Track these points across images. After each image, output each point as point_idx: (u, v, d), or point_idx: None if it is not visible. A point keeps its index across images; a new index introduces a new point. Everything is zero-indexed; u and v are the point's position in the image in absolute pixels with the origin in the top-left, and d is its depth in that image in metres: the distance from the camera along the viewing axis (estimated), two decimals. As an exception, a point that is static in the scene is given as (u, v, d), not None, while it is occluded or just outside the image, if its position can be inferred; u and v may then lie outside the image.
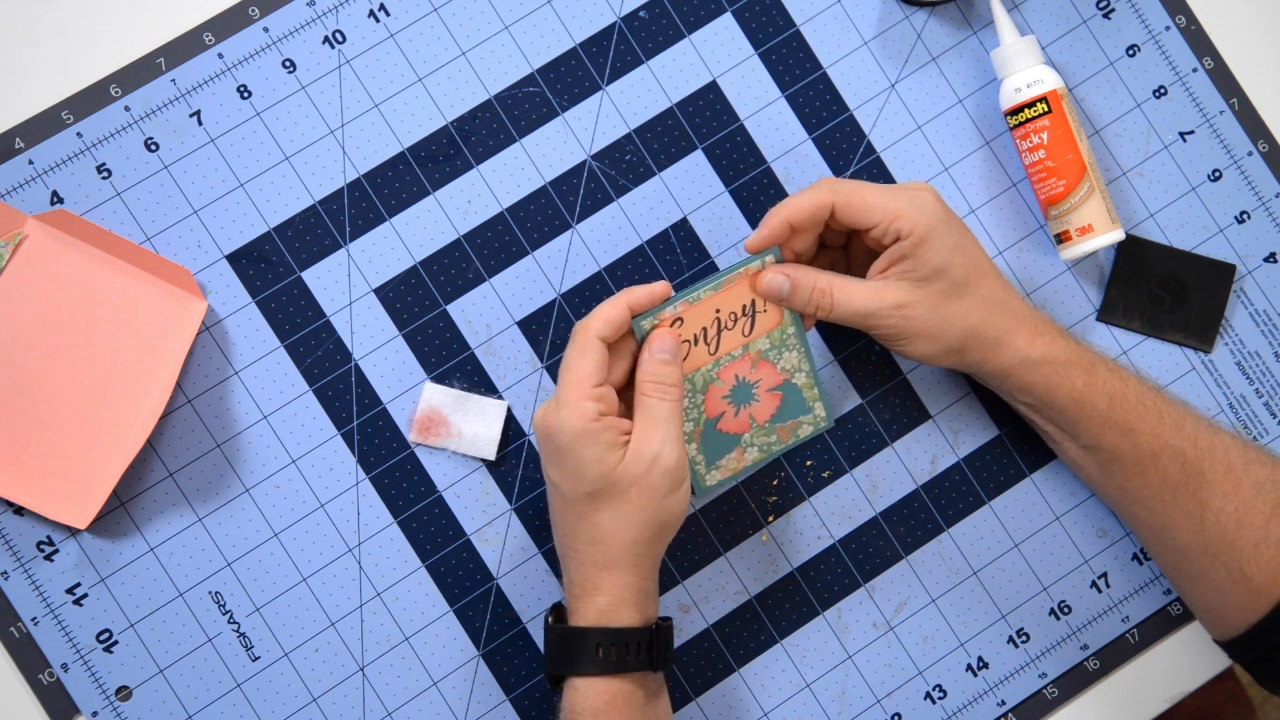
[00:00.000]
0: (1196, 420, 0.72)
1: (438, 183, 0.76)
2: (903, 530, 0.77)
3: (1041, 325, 0.72)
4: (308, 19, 0.76)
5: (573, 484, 0.67)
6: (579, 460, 0.67)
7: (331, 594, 0.74)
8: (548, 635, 0.69)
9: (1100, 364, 0.72)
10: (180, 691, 0.73)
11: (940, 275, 0.70)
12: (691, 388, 0.71)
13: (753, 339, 0.72)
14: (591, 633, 0.67)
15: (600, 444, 0.67)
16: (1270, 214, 0.80)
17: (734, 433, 0.73)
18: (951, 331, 0.71)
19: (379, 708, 0.74)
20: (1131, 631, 0.78)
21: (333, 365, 0.75)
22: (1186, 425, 0.71)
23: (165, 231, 0.75)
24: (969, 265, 0.71)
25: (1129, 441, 0.72)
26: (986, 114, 0.79)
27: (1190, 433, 0.71)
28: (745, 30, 0.78)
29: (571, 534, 0.68)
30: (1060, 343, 0.72)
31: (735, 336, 0.72)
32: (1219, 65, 0.80)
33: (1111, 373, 0.72)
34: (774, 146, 0.78)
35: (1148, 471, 0.72)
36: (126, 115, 0.75)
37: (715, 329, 0.71)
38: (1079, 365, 0.71)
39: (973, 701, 0.77)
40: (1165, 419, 0.71)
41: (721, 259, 0.78)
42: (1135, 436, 0.71)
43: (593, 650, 0.67)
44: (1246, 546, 0.70)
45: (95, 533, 0.73)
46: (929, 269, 0.70)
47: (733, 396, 0.72)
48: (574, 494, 0.67)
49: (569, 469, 0.67)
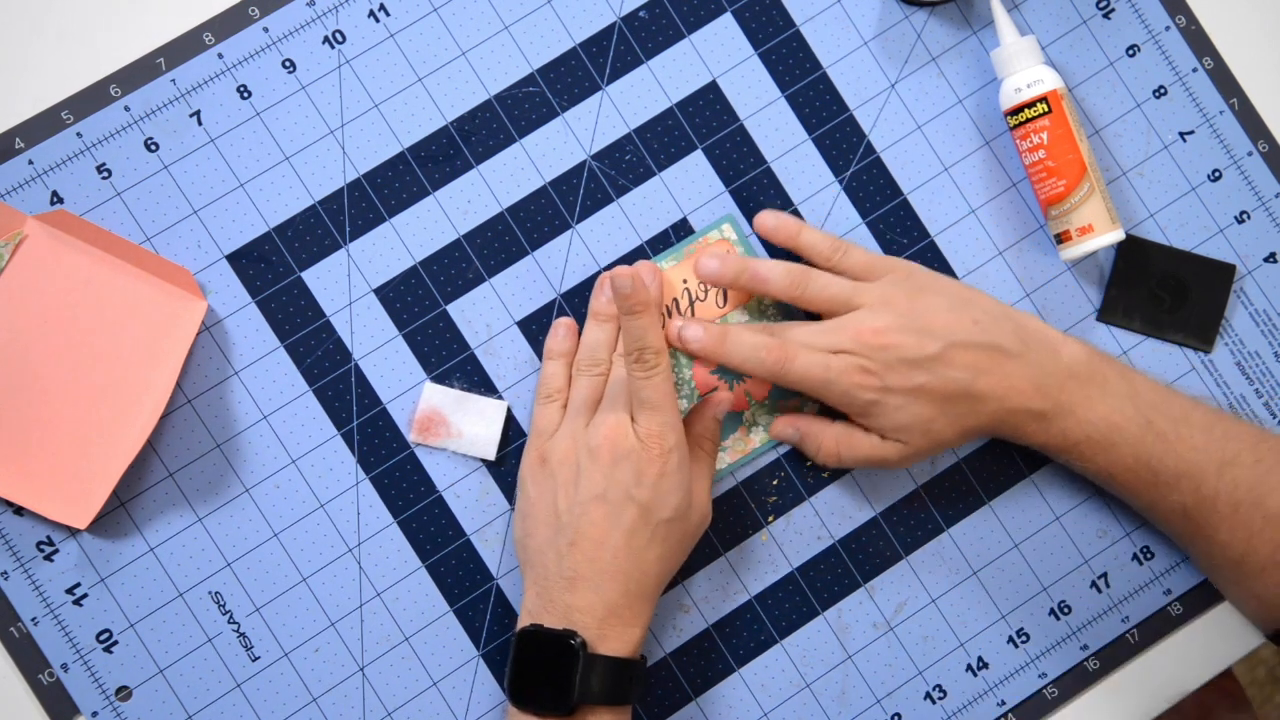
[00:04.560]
0: (1201, 468, 0.70)
1: (438, 183, 0.76)
2: (903, 530, 0.77)
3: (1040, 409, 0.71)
4: (308, 19, 0.76)
5: (659, 506, 0.68)
6: (676, 484, 0.68)
7: (331, 594, 0.74)
8: (581, 662, 0.66)
9: (1099, 443, 0.71)
10: (180, 691, 0.73)
11: (906, 430, 0.71)
12: (677, 362, 0.72)
13: (728, 310, 0.73)
14: (629, 663, 0.68)
15: (690, 475, 0.69)
16: (1270, 214, 0.80)
17: (733, 410, 0.74)
18: (961, 440, 0.73)
19: (379, 708, 0.74)
20: (1131, 631, 0.78)
21: (333, 365, 0.75)
22: (1187, 479, 0.70)
23: (165, 231, 0.75)
24: (926, 405, 0.70)
25: (1127, 499, 0.74)
26: (986, 114, 0.79)
27: (1192, 486, 0.70)
28: (745, 30, 0.78)
29: (626, 557, 0.67)
30: (1066, 426, 0.71)
31: (709, 308, 0.73)
32: (1219, 65, 0.80)
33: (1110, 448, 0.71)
34: (774, 146, 0.78)
35: (1150, 517, 0.75)
36: (126, 115, 0.75)
37: (686, 300, 0.73)
38: (1084, 452, 0.72)
39: (973, 701, 0.77)
40: (1160, 476, 0.71)
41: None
42: (1133, 499, 0.73)
43: (628, 680, 0.68)
44: (1253, 571, 0.70)
45: (95, 533, 0.73)
46: (892, 431, 0.72)
47: (721, 371, 0.73)
48: (654, 517, 0.67)
49: (664, 489, 0.67)
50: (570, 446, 0.70)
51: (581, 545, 0.68)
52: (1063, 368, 0.71)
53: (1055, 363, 0.71)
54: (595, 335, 0.74)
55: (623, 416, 0.69)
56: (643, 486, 0.67)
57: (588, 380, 0.72)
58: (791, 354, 0.70)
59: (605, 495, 0.67)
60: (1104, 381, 0.71)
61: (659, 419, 0.68)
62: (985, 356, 0.70)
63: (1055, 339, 0.72)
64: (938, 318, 0.71)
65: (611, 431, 0.68)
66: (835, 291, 0.72)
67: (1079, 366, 0.71)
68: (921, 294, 0.72)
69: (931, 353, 0.70)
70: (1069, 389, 0.71)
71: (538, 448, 0.72)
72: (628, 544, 0.67)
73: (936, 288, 0.73)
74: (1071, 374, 0.71)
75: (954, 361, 0.70)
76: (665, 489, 0.68)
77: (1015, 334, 0.71)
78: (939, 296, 0.72)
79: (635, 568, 0.67)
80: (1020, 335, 0.71)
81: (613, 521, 0.67)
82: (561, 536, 0.68)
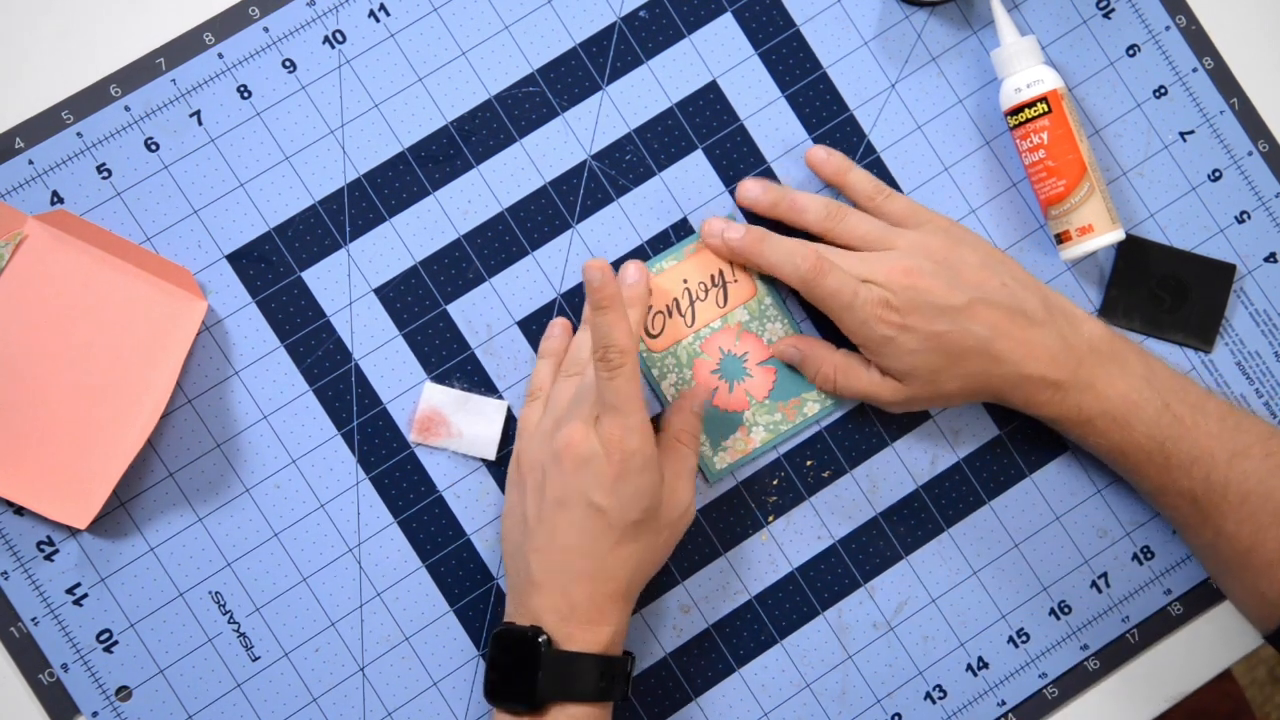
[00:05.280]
0: (1213, 454, 0.70)
1: (438, 183, 0.76)
2: (903, 530, 0.77)
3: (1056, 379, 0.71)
4: (308, 19, 0.76)
5: (623, 510, 0.67)
6: (639, 487, 0.67)
7: (331, 594, 0.74)
8: (544, 659, 0.67)
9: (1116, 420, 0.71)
10: (180, 691, 0.73)
11: (911, 374, 0.71)
12: (677, 362, 0.72)
13: (729, 310, 0.73)
14: (597, 660, 0.67)
15: (658, 475, 0.68)
16: (1270, 214, 0.80)
17: (733, 410, 0.74)
18: (963, 399, 0.73)
19: (379, 708, 0.74)
20: (1131, 631, 0.78)
21: (333, 365, 0.75)
22: (1199, 465, 0.70)
23: (165, 231, 0.75)
24: (939, 354, 0.71)
25: (1134, 481, 0.74)
26: (986, 114, 0.79)
27: (1203, 472, 0.70)
28: (745, 30, 0.78)
29: (593, 560, 0.67)
30: (1082, 401, 0.71)
31: (710, 308, 0.73)
32: (1219, 65, 0.80)
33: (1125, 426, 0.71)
34: (774, 146, 0.78)
35: (1156, 502, 0.74)
36: (126, 115, 0.75)
37: (687, 300, 0.73)
38: (1099, 427, 0.72)
39: (973, 701, 0.77)
40: (1173, 459, 0.71)
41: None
42: (1141, 481, 0.73)
43: (596, 677, 0.67)
44: (1259, 566, 0.70)
45: (95, 533, 0.73)
46: (896, 372, 0.72)
47: (722, 370, 0.73)
48: (619, 521, 0.67)
49: (626, 494, 0.67)
50: (538, 451, 0.70)
51: (546, 550, 0.68)
52: (1084, 342, 0.72)
53: (1077, 336, 0.72)
54: (584, 337, 0.74)
55: (586, 420, 0.68)
56: (602, 491, 0.66)
57: (565, 382, 0.72)
58: (826, 268, 0.71)
59: (565, 501, 0.67)
60: (1124, 360, 0.72)
61: (620, 421, 0.66)
62: (1008, 318, 0.71)
63: (1079, 315, 0.73)
64: (970, 273, 0.71)
65: (572, 436, 0.67)
66: (869, 228, 0.73)
67: (1100, 343, 0.72)
68: (958, 246, 0.73)
69: (958, 303, 0.70)
70: (1088, 363, 0.71)
71: (516, 448, 0.73)
72: (592, 548, 0.67)
73: (973, 244, 0.74)
74: (1092, 349, 0.72)
75: (977, 316, 0.70)
76: (628, 493, 0.67)
77: (1041, 302, 0.72)
78: (974, 253, 0.73)
79: (601, 570, 0.67)
80: (1046, 305, 0.72)
81: (575, 527, 0.67)
82: (529, 541, 0.69)
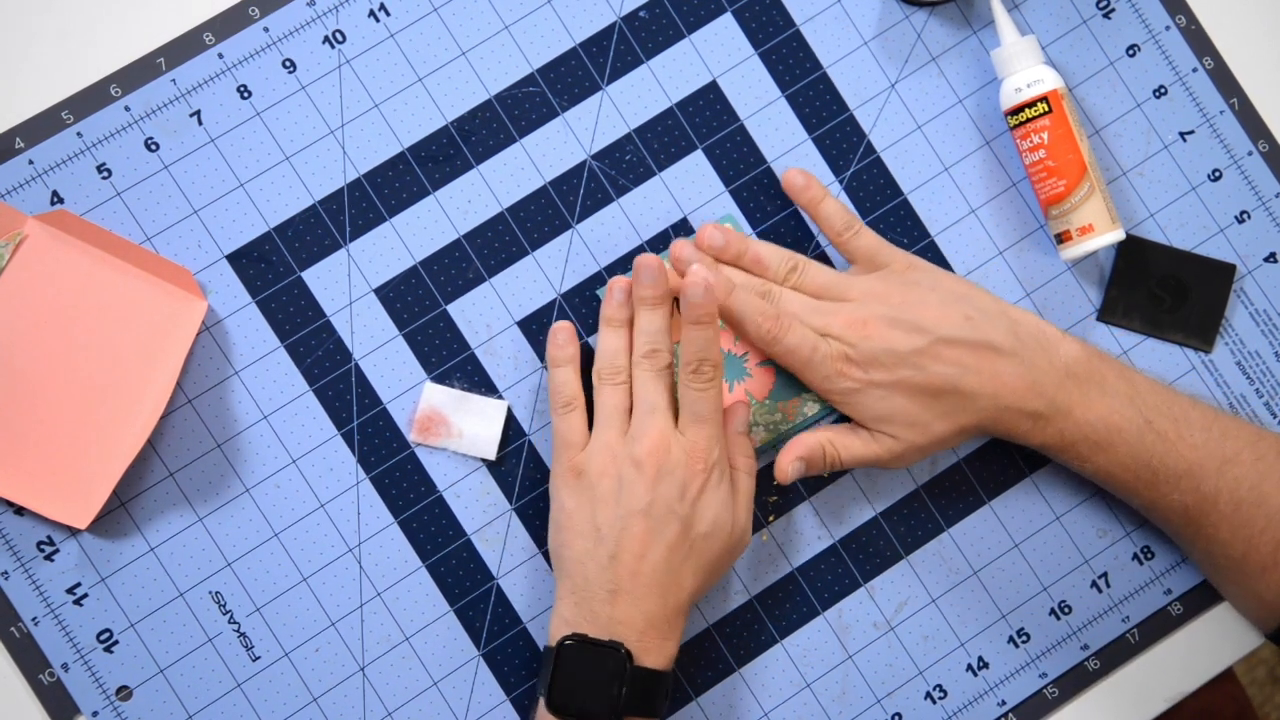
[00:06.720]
0: (1201, 466, 0.70)
1: (438, 183, 0.76)
2: (903, 530, 0.77)
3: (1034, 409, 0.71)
4: (308, 19, 0.76)
5: (700, 521, 0.68)
6: (717, 499, 0.68)
7: (331, 594, 0.74)
8: (629, 675, 0.66)
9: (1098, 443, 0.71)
10: (180, 691, 0.73)
11: (888, 421, 0.71)
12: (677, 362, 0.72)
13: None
14: (669, 678, 0.69)
15: (730, 491, 0.70)
16: (1270, 214, 0.80)
17: None
18: (958, 438, 0.73)
19: (379, 708, 0.74)
20: (1131, 631, 0.78)
21: (333, 365, 0.75)
22: (1187, 478, 0.70)
23: (165, 231, 0.75)
24: (911, 399, 0.70)
25: (1126, 499, 0.74)
26: (986, 114, 0.79)
27: (1193, 485, 0.70)
28: (745, 30, 0.78)
29: (668, 571, 0.68)
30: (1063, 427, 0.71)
31: None
32: (1219, 65, 0.80)
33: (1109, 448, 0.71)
34: (774, 146, 0.78)
35: (1150, 517, 0.74)
36: (126, 115, 0.75)
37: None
38: (1082, 451, 0.71)
39: (973, 701, 0.77)
40: (1160, 476, 0.70)
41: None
42: (1132, 498, 0.73)
43: (665, 695, 0.69)
44: (1255, 570, 0.70)
45: (95, 533, 0.73)
46: (874, 422, 0.71)
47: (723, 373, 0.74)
48: (693, 532, 0.68)
49: (705, 505, 0.69)
50: (609, 459, 0.69)
51: (623, 559, 0.67)
52: (1059, 367, 0.71)
53: (1051, 362, 0.71)
54: (613, 342, 0.72)
55: (667, 428, 0.69)
56: (685, 501, 0.68)
57: (613, 389, 0.71)
58: (786, 326, 0.71)
59: (649, 510, 0.67)
60: (1102, 381, 0.71)
61: (707, 432, 0.68)
62: (974, 353, 0.70)
63: (1053, 338, 0.72)
64: (929, 312, 0.71)
65: (656, 444, 0.68)
66: (825, 280, 0.73)
67: (1077, 366, 0.71)
68: (915, 288, 0.72)
69: (919, 345, 0.70)
70: (1066, 389, 0.70)
71: (568, 460, 0.71)
72: (668, 559, 0.68)
73: (931, 283, 0.73)
74: (1069, 374, 0.71)
75: (941, 357, 0.70)
76: (706, 504, 0.68)
77: (1009, 332, 0.71)
78: (932, 292, 0.72)
79: (673, 582, 0.68)
80: (1015, 333, 0.71)
81: (655, 536, 0.67)
82: (602, 549, 0.68)
